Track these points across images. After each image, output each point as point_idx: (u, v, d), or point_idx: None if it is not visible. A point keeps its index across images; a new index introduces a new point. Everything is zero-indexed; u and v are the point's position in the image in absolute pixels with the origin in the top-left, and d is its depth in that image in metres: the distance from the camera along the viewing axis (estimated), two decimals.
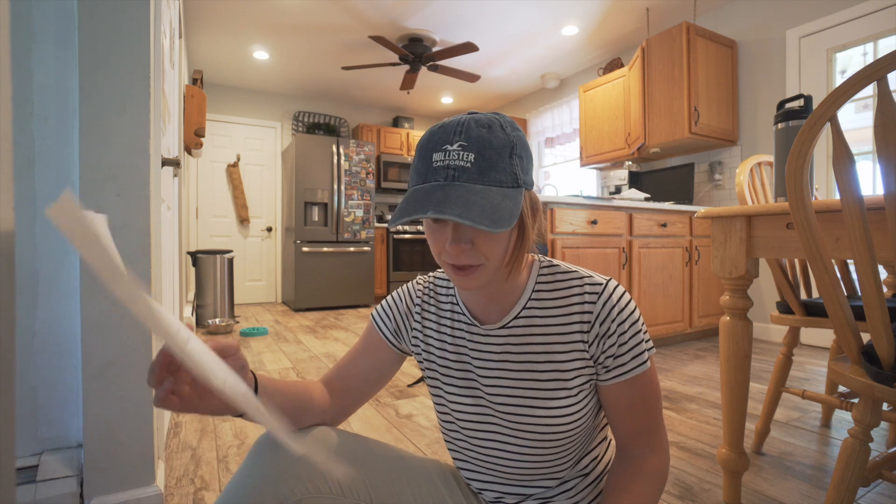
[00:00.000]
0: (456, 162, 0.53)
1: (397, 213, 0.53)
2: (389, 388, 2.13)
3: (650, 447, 0.62)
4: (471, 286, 0.56)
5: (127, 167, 1.05)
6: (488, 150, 0.53)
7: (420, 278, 0.75)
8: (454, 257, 0.54)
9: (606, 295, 0.60)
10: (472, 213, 0.49)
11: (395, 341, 0.72)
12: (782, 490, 1.20)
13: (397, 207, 0.54)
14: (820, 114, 0.73)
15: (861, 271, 0.74)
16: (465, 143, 0.53)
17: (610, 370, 0.60)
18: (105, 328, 1.03)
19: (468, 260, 0.54)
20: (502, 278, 0.60)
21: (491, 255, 0.55)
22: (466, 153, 0.53)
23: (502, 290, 0.63)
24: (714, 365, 2.51)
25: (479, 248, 0.54)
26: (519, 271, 0.63)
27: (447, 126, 0.55)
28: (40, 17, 1.02)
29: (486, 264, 0.55)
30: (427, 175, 0.54)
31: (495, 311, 0.64)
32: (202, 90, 3.09)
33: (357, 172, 4.86)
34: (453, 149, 0.53)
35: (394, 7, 3.44)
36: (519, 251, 0.58)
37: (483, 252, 0.54)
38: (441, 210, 0.49)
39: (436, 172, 0.53)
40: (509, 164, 0.54)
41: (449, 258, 0.55)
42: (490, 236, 0.54)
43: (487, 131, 0.54)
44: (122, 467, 1.05)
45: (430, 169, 0.54)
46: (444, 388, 0.68)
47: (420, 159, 0.56)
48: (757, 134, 3.24)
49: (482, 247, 0.54)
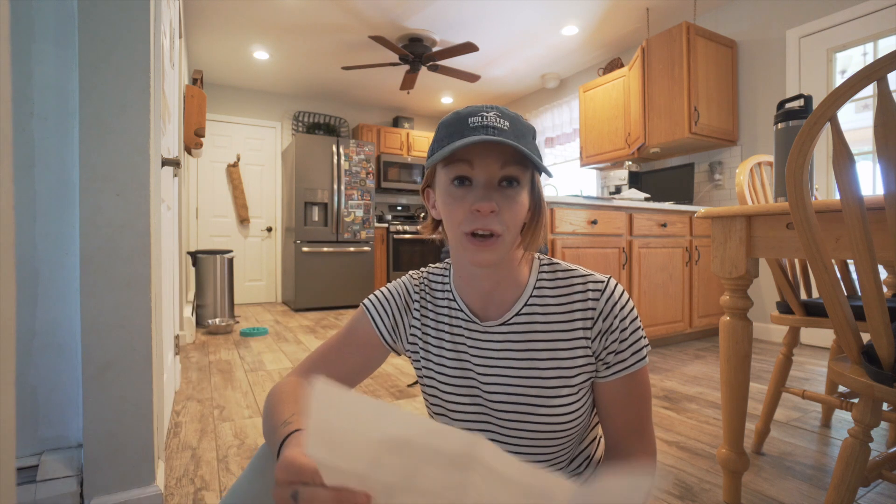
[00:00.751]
0: (494, 123, 0.55)
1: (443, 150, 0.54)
2: (389, 388, 2.13)
3: (641, 446, 0.62)
4: (488, 259, 0.56)
5: (127, 167, 1.05)
6: (519, 124, 0.57)
7: (413, 273, 0.73)
8: (482, 219, 0.55)
9: (609, 292, 0.61)
10: (522, 144, 0.54)
11: (390, 340, 0.68)
12: (782, 490, 1.20)
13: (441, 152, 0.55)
14: (820, 114, 0.73)
15: (861, 271, 0.74)
16: (500, 113, 0.56)
17: (610, 366, 0.61)
18: (105, 328, 1.03)
19: (493, 225, 0.55)
20: (511, 263, 0.61)
21: (511, 225, 0.56)
22: (503, 119, 0.56)
23: (504, 284, 0.63)
24: (714, 365, 2.51)
25: (503, 216, 0.55)
26: (526, 259, 0.64)
27: (475, 105, 0.58)
28: (40, 17, 1.02)
29: (506, 235, 0.56)
30: (464, 133, 0.55)
31: (495, 307, 0.64)
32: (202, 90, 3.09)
33: (357, 172, 4.86)
34: (490, 115, 0.56)
35: (394, 7, 3.44)
36: (533, 231, 0.60)
37: (505, 220, 0.55)
38: (495, 134, 0.53)
39: (474, 130, 0.55)
40: (534, 143, 0.59)
41: (472, 223, 0.55)
42: (514, 204, 0.56)
43: (514, 114, 0.59)
44: (122, 467, 1.05)
45: (468, 127, 0.55)
46: (441, 388, 0.67)
47: (451, 125, 0.57)
48: (757, 134, 3.24)
49: (505, 214, 0.55)
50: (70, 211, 1.05)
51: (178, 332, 2.34)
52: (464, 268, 0.63)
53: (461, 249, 0.57)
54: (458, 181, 0.56)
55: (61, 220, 1.04)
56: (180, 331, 2.73)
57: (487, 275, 0.61)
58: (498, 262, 0.58)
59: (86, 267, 1.01)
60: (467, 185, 0.56)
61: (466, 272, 0.63)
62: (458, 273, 0.65)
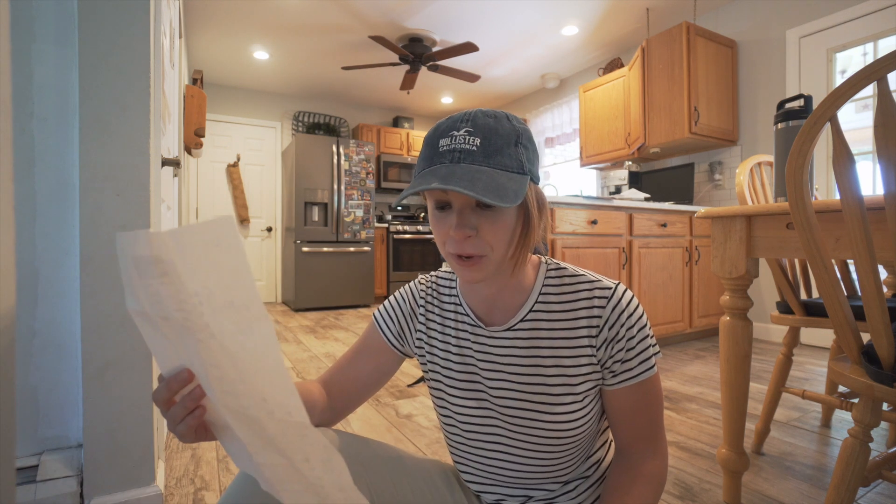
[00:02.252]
0: (462, 145, 0.53)
1: (404, 192, 0.53)
2: (389, 388, 2.13)
3: (651, 451, 0.62)
4: (475, 278, 0.56)
5: (127, 167, 1.05)
6: (494, 136, 0.54)
7: (422, 277, 0.74)
8: (458, 245, 0.54)
9: (616, 299, 0.59)
10: (477, 187, 0.49)
11: (398, 344, 0.71)
12: (782, 490, 1.20)
13: (414, 182, 0.55)
14: (820, 114, 0.73)
15: (861, 271, 0.74)
16: (471, 129, 0.54)
17: (617, 375, 0.60)
18: (105, 328, 1.03)
19: (472, 249, 0.54)
20: (507, 273, 0.60)
21: (495, 245, 0.54)
22: (472, 137, 0.53)
23: (508, 290, 0.62)
24: (714, 365, 2.51)
25: (484, 237, 0.54)
26: (524, 267, 0.62)
27: (455, 117, 0.56)
28: (40, 17, 1.02)
29: (490, 255, 0.55)
30: (433, 159, 0.55)
31: (500, 313, 0.64)
32: (202, 90, 3.09)
33: (357, 172, 4.86)
34: (459, 134, 0.54)
35: (394, 7, 3.44)
36: (524, 244, 0.57)
37: (488, 241, 0.54)
38: (446, 182, 0.50)
39: (441, 156, 0.54)
40: (515, 151, 0.54)
41: (453, 246, 0.55)
42: (495, 225, 0.54)
43: (494, 120, 0.55)
44: (122, 467, 1.05)
45: (437, 153, 0.54)
46: (448, 391, 0.67)
47: (427, 146, 0.56)
48: (757, 134, 3.24)
49: (487, 235, 0.54)
50: (70, 211, 1.05)
51: None
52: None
53: (452, 265, 0.58)
54: (438, 206, 0.56)
55: (61, 220, 1.04)
56: None
57: (485, 283, 0.61)
58: (487, 279, 0.58)
59: (86, 267, 1.01)
60: (448, 209, 0.56)
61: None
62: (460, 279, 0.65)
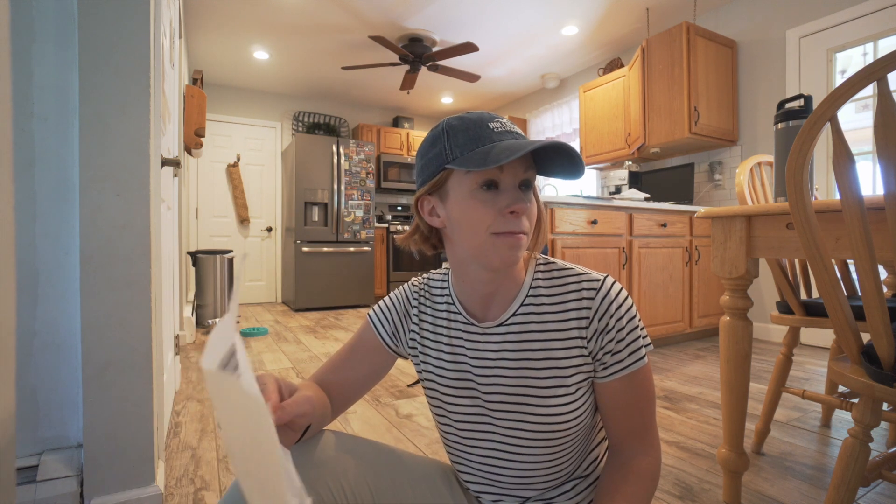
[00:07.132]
0: (513, 128, 0.58)
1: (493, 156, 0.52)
2: (389, 388, 2.13)
3: (643, 448, 0.62)
4: (517, 256, 0.58)
5: (127, 167, 1.05)
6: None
7: (415, 280, 0.75)
8: (514, 221, 0.56)
9: (604, 291, 0.60)
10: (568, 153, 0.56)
11: (391, 344, 0.71)
12: (782, 490, 1.20)
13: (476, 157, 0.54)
14: (820, 114, 0.73)
15: (861, 271, 0.74)
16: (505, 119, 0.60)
17: (607, 366, 0.60)
18: (105, 328, 1.03)
19: (525, 225, 0.57)
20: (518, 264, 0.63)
21: (530, 226, 0.59)
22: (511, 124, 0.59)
23: (504, 285, 0.63)
24: (714, 365, 2.51)
25: (528, 217, 0.58)
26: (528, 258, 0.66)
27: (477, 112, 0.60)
28: (40, 17, 1.02)
29: (528, 234, 0.59)
30: (493, 138, 0.56)
31: (493, 308, 0.64)
32: (202, 90, 3.09)
33: (357, 172, 4.86)
34: (504, 120, 0.59)
35: (394, 7, 3.44)
36: (539, 233, 0.62)
37: (530, 221, 0.58)
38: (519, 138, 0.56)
39: (500, 135, 0.57)
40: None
41: (506, 224, 0.56)
42: (531, 206, 0.58)
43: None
44: (122, 467, 1.05)
45: (492, 133, 0.57)
46: (442, 391, 0.67)
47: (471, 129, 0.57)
48: (757, 134, 3.24)
49: (530, 215, 0.58)
50: (70, 211, 1.05)
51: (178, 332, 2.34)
52: (468, 273, 0.63)
53: (488, 251, 0.57)
54: (486, 186, 0.56)
55: (61, 220, 1.04)
56: (180, 331, 2.73)
57: (492, 278, 0.61)
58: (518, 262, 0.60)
59: (86, 267, 1.01)
60: (494, 190, 0.57)
61: (470, 277, 0.63)
62: (461, 278, 0.64)
